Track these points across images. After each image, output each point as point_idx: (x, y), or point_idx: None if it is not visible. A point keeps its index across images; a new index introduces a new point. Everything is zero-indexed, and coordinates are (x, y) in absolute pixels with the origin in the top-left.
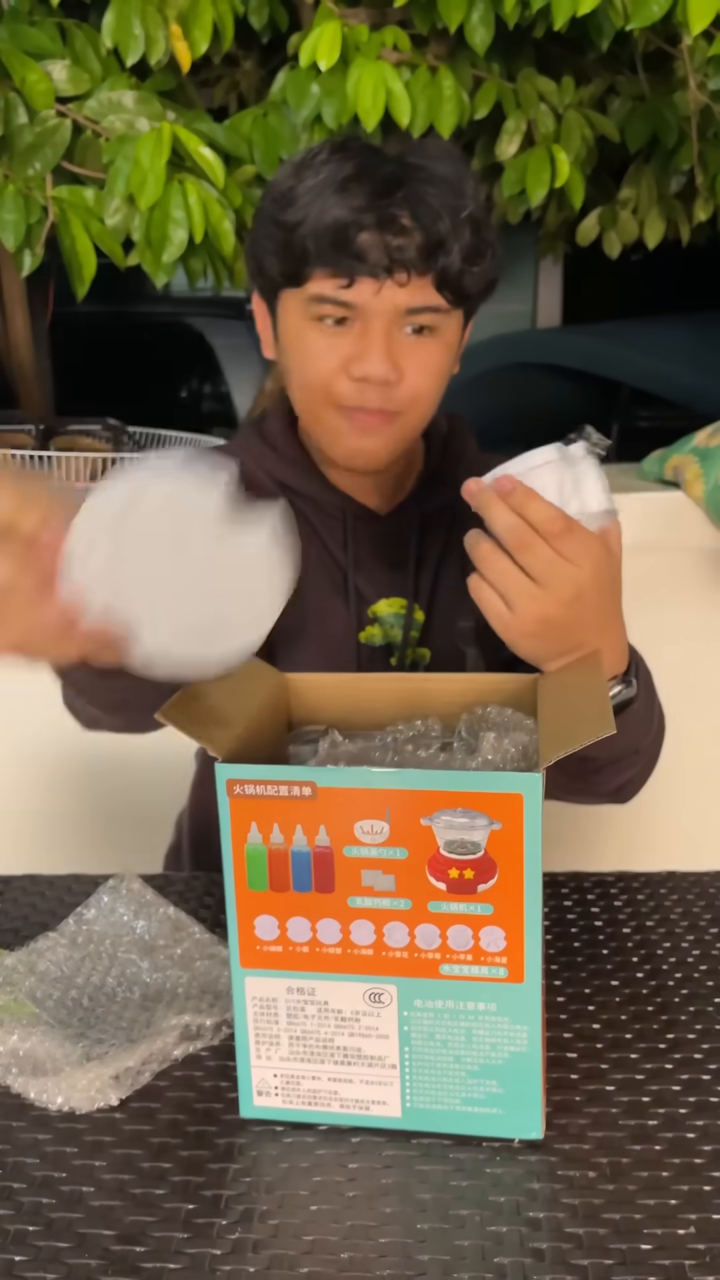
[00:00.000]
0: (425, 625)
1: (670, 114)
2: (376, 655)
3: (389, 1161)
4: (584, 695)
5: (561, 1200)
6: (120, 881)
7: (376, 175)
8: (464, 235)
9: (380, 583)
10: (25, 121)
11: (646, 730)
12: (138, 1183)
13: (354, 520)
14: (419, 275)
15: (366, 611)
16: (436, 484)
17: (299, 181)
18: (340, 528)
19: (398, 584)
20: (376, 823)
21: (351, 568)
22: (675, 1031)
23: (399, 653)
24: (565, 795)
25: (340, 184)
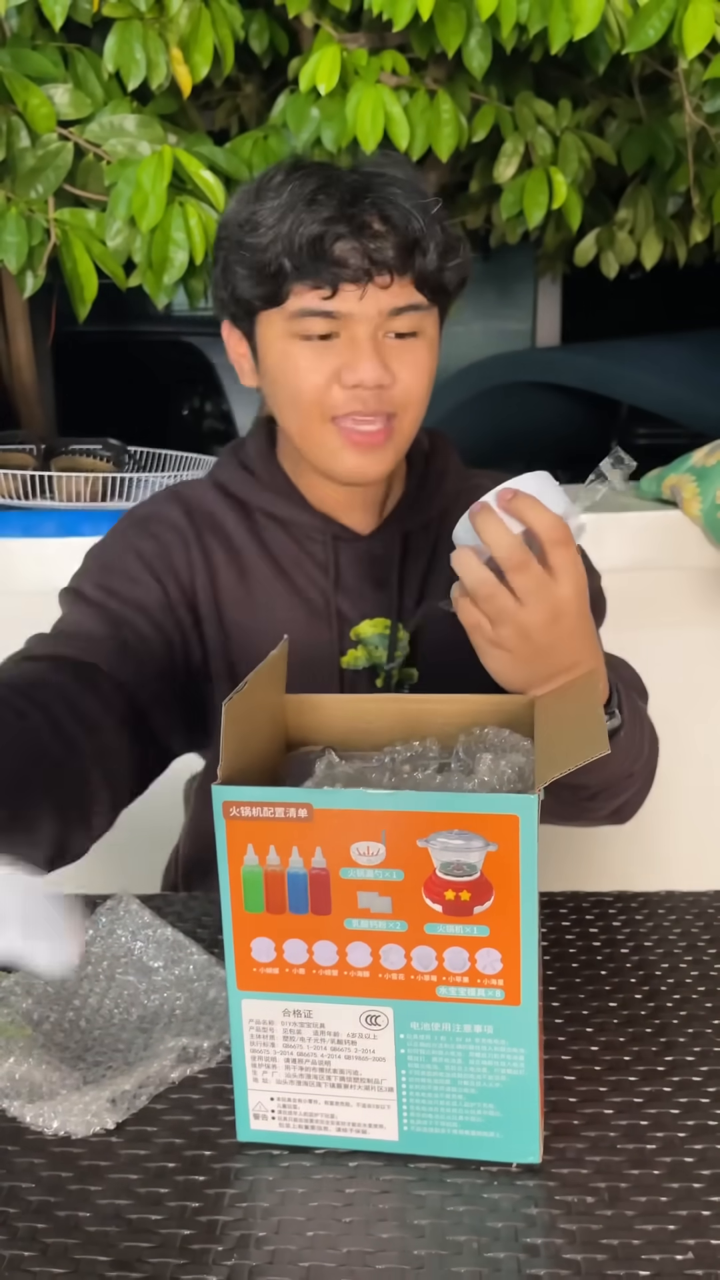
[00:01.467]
0: (412, 643)
1: (667, 136)
2: (360, 679)
3: (386, 1186)
4: (579, 717)
5: (559, 1226)
6: (118, 903)
7: (341, 185)
8: (436, 232)
9: (364, 603)
10: (28, 145)
11: (637, 756)
12: (133, 1208)
13: (336, 541)
14: (399, 275)
15: (349, 634)
16: (420, 500)
17: (260, 205)
18: (322, 550)
19: (381, 604)
20: (373, 844)
21: (334, 590)
22: (674, 1054)
23: (384, 674)
24: (564, 821)
25: (308, 198)
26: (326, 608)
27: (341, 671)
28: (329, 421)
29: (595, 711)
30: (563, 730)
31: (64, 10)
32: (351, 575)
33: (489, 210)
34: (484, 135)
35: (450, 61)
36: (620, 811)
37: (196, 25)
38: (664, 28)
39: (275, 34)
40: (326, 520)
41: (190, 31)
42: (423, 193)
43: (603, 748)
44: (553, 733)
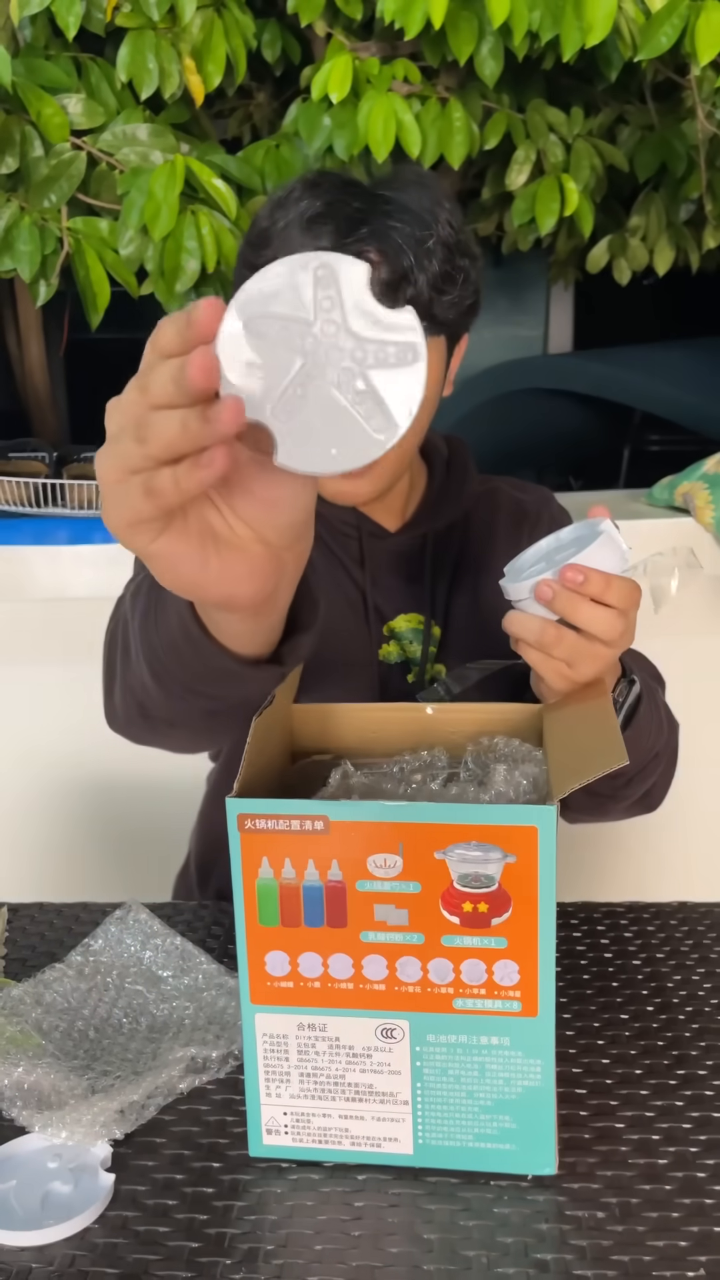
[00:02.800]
0: (441, 640)
1: (679, 143)
2: (394, 672)
3: (395, 1200)
4: (592, 727)
5: (570, 1241)
6: (127, 912)
7: (342, 213)
8: (431, 264)
9: (397, 599)
10: (41, 154)
11: (660, 732)
12: (141, 1220)
13: (369, 537)
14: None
15: (383, 629)
16: (443, 504)
17: (273, 222)
18: (356, 545)
19: (413, 599)
20: (390, 856)
21: (369, 585)
22: (686, 1067)
23: (417, 668)
24: (592, 817)
25: (307, 223)
26: (364, 601)
27: (378, 665)
28: None
29: (610, 721)
30: (577, 740)
31: (77, 20)
32: (384, 571)
33: (501, 217)
34: (496, 143)
35: (462, 69)
36: (650, 796)
37: (209, 35)
38: (676, 35)
39: (288, 43)
40: (360, 515)
41: (203, 41)
42: (428, 222)
43: (621, 758)
44: (566, 742)
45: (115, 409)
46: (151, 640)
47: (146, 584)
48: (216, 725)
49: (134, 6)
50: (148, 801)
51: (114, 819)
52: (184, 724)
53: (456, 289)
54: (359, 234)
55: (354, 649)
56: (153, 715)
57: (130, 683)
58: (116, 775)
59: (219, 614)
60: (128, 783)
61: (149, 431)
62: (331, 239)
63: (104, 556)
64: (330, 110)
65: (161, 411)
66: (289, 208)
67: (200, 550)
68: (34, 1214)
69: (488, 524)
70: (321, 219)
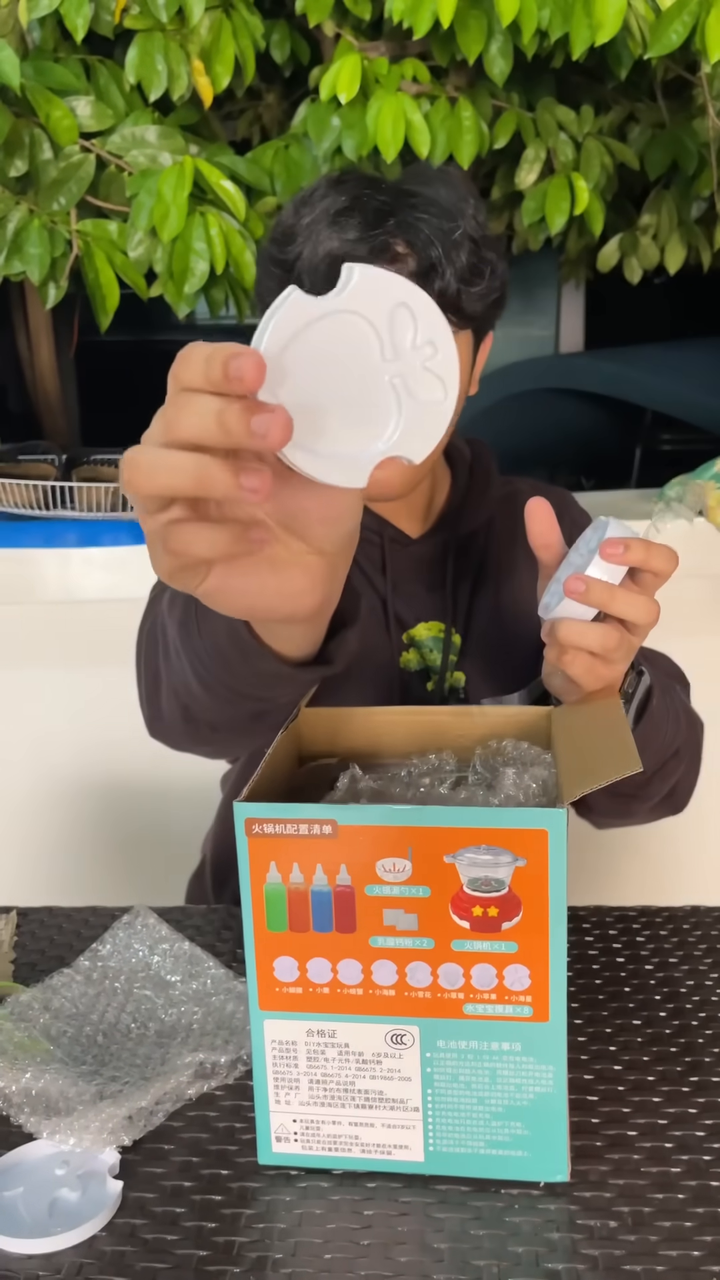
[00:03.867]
0: (461, 648)
1: (690, 141)
2: (414, 680)
3: (405, 1208)
4: (604, 731)
5: (581, 1251)
6: (135, 917)
7: (368, 206)
8: (459, 257)
9: (418, 606)
10: (50, 157)
11: (677, 726)
12: (149, 1228)
13: (390, 544)
14: None
15: (403, 636)
16: (466, 509)
17: (298, 219)
18: (378, 552)
19: (434, 607)
20: (399, 861)
21: (390, 592)
22: (699, 1074)
23: (437, 676)
24: (619, 820)
25: (333, 217)
26: (384, 609)
27: (399, 672)
28: None
29: (621, 727)
30: (588, 744)
31: (85, 22)
32: (405, 578)
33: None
34: (505, 142)
35: (471, 68)
36: (674, 795)
37: (218, 36)
38: (686, 32)
39: (296, 43)
40: (382, 521)
41: (211, 42)
42: (454, 215)
43: (634, 764)
44: (576, 746)
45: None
46: (195, 647)
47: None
48: (260, 727)
49: (142, 8)
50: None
51: (123, 822)
52: (229, 727)
53: (484, 282)
54: (386, 226)
55: (374, 656)
56: (197, 719)
57: (175, 687)
58: (126, 778)
59: (274, 625)
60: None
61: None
62: (358, 231)
63: (113, 559)
64: (339, 110)
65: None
66: (314, 204)
67: (255, 578)
68: (41, 1221)
69: (510, 530)
70: (347, 212)
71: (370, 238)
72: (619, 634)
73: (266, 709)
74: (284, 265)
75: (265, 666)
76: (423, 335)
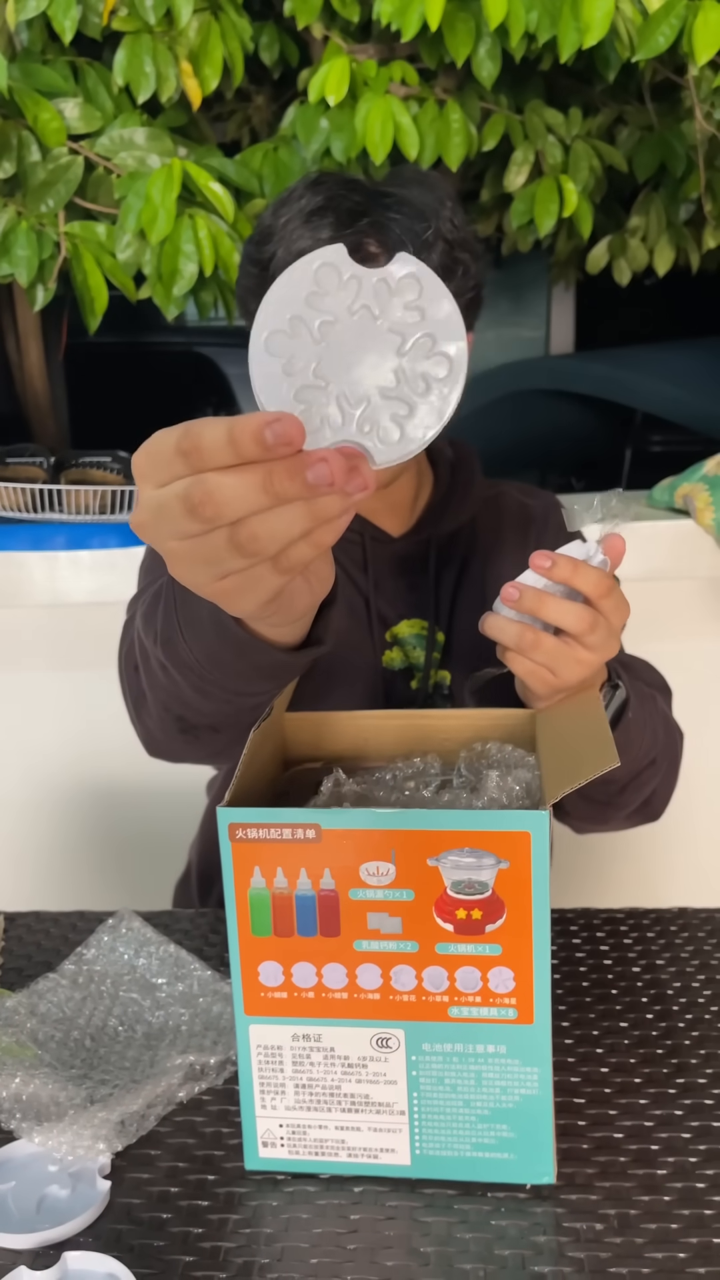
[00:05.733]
0: (445, 646)
1: (678, 143)
2: (397, 679)
3: (391, 1212)
4: (584, 731)
5: (568, 1254)
6: (120, 920)
7: (342, 206)
8: (430, 257)
9: (400, 604)
10: (38, 159)
11: (654, 738)
12: (136, 1234)
13: (371, 542)
14: None
15: (386, 635)
16: (448, 509)
17: (276, 219)
18: (359, 550)
19: (417, 605)
20: (383, 864)
21: (372, 591)
22: (685, 1075)
23: (420, 675)
24: (596, 825)
25: (307, 217)
26: (367, 607)
27: (382, 671)
28: None
29: (601, 725)
30: (568, 745)
31: (73, 24)
32: (387, 576)
33: (500, 219)
34: (494, 144)
35: (460, 71)
36: (650, 804)
37: (206, 38)
38: (674, 35)
39: (285, 45)
40: (363, 521)
41: (200, 44)
42: (427, 215)
43: (612, 760)
44: (558, 747)
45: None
46: (184, 658)
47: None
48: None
49: (130, 10)
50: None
51: (112, 826)
52: (229, 725)
53: (455, 282)
54: (358, 225)
55: (357, 655)
56: (195, 724)
57: (164, 700)
58: (113, 782)
59: None
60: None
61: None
62: (331, 231)
63: (102, 562)
64: (328, 113)
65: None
66: (291, 204)
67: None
68: (29, 1217)
69: (494, 529)
70: (321, 212)
71: (342, 237)
72: (534, 635)
73: (263, 701)
74: (260, 264)
75: (261, 658)
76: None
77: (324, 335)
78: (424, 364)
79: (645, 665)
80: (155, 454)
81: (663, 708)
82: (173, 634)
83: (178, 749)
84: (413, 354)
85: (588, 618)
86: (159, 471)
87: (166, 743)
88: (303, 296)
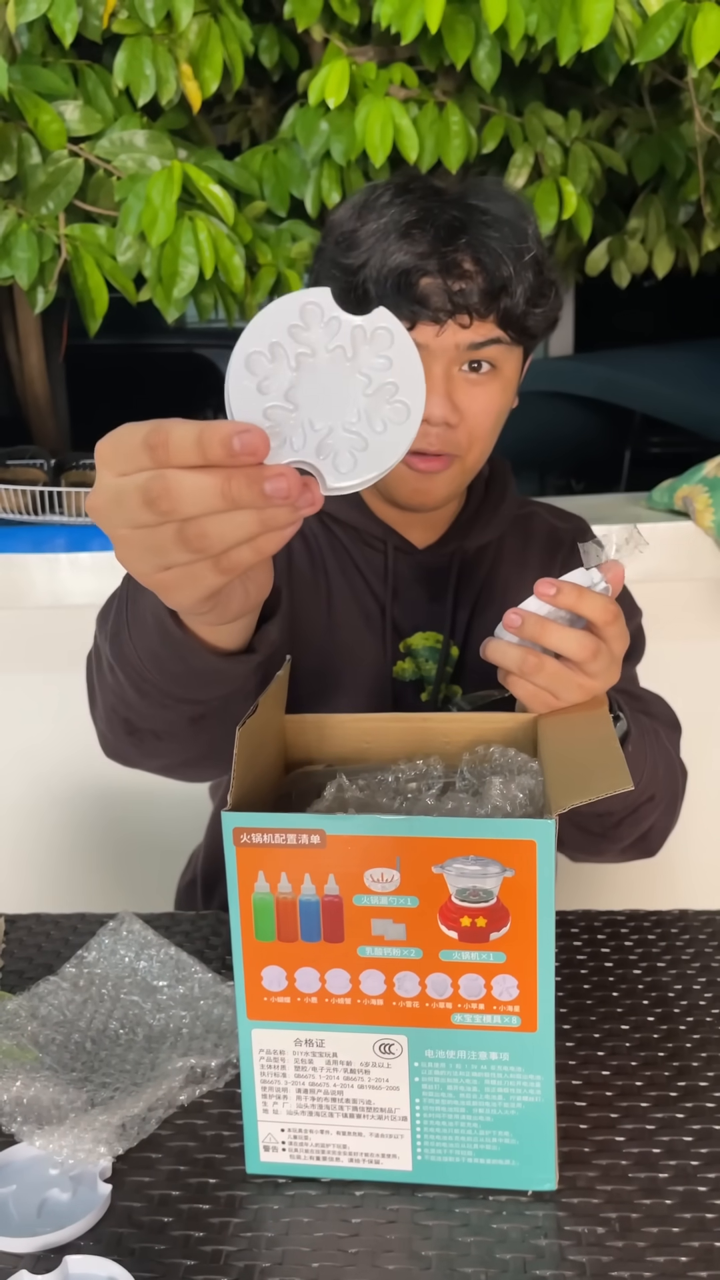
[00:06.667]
0: (459, 661)
1: (677, 145)
2: (407, 690)
3: (393, 1216)
4: (595, 747)
5: (569, 1258)
6: (120, 923)
7: (440, 220)
8: (527, 276)
9: (417, 616)
10: (38, 161)
11: (655, 774)
12: (136, 1237)
13: (395, 552)
14: (480, 318)
15: (399, 645)
16: (477, 524)
17: (361, 224)
18: (381, 559)
19: (434, 618)
20: (387, 871)
21: (390, 600)
22: (687, 1079)
23: (431, 688)
24: (589, 856)
25: (404, 229)
26: (382, 615)
27: (392, 681)
28: None
29: (612, 744)
30: (577, 758)
31: (74, 27)
32: (407, 587)
33: None
34: (494, 146)
35: (459, 73)
36: (647, 840)
37: (206, 41)
38: (673, 37)
39: (285, 48)
40: (388, 529)
41: (199, 47)
42: (523, 234)
43: (625, 783)
44: (566, 758)
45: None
46: (128, 654)
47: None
48: (202, 735)
49: (130, 13)
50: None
51: (113, 828)
52: (170, 735)
53: (548, 302)
54: (457, 243)
55: (368, 663)
56: (139, 729)
57: (111, 702)
58: (116, 784)
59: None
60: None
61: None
62: (429, 245)
63: (102, 564)
64: (327, 115)
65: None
66: (380, 211)
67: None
68: (30, 1220)
69: (520, 549)
70: (418, 225)
71: (440, 253)
72: (537, 659)
73: (203, 712)
74: (348, 270)
75: (196, 661)
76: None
77: (299, 364)
78: (385, 408)
79: (657, 699)
80: (121, 444)
81: (666, 745)
82: (120, 630)
83: (126, 751)
84: (376, 397)
85: (590, 645)
86: (122, 461)
87: (116, 743)
88: (286, 326)
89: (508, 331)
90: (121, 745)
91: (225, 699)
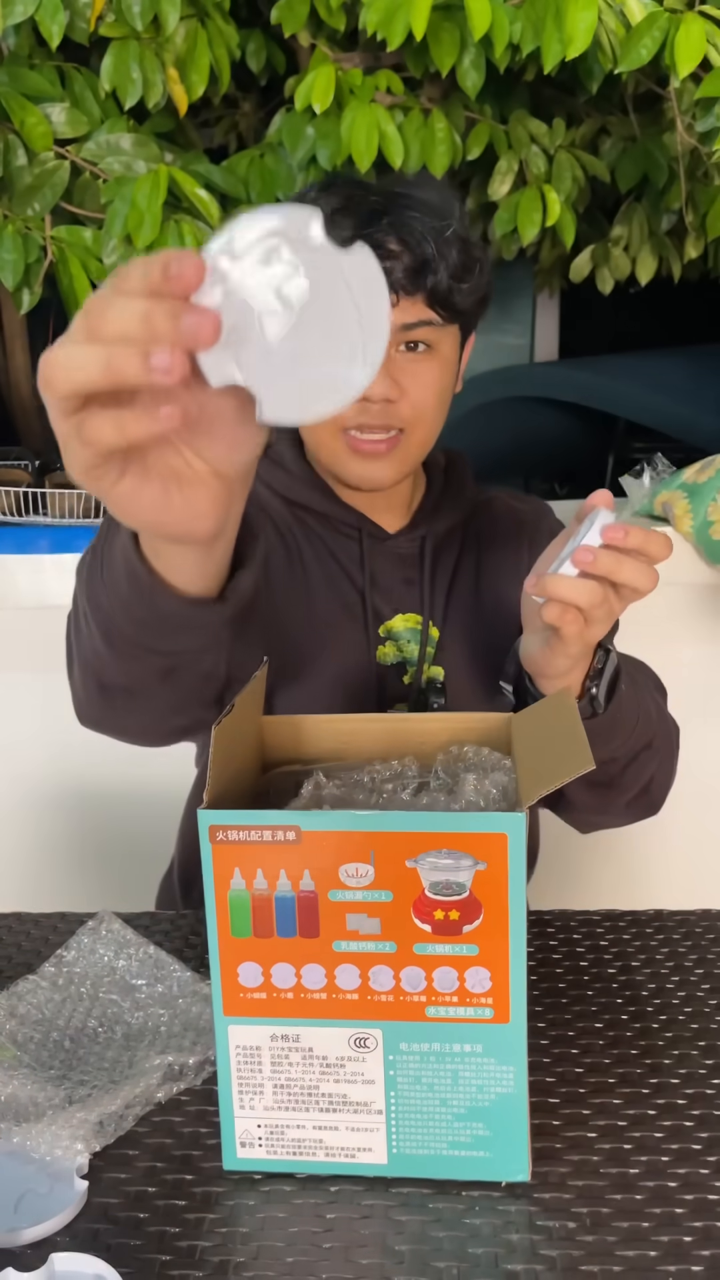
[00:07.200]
0: (439, 643)
1: (660, 154)
2: (390, 673)
3: (367, 1211)
4: (559, 734)
5: (540, 1252)
6: (100, 922)
7: (362, 207)
8: (450, 254)
9: (395, 599)
10: (25, 163)
11: (649, 719)
12: (112, 1233)
13: (368, 538)
14: (408, 295)
15: (380, 630)
16: (443, 508)
17: None
18: (356, 545)
19: (412, 600)
20: (361, 866)
21: (368, 586)
22: (659, 1076)
23: (414, 670)
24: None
25: (329, 216)
26: (362, 602)
27: (375, 665)
28: (339, 431)
29: (576, 728)
30: (545, 747)
31: (61, 30)
32: (383, 571)
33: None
34: (478, 153)
35: (444, 81)
36: (649, 792)
37: (193, 45)
38: (656, 47)
39: (272, 53)
40: (360, 516)
41: (186, 51)
42: (445, 214)
43: (587, 763)
44: (534, 750)
45: None
46: (99, 600)
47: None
48: (173, 693)
49: (118, 16)
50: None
51: (94, 829)
52: (141, 690)
53: (474, 277)
54: (379, 225)
55: (351, 649)
56: (110, 685)
57: (85, 656)
58: (96, 784)
59: (171, 549)
60: (108, 792)
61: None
62: (352, 229)
63: None
64: (314, 121)
65: (126, 296)
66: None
67: (163, 491)
68: (7, 1215)
69: (487, 531)
70: (342, 213)
71: (364, 236)
72: (604, 591)
73: (173, 665)
74: None
75: (162, 604)
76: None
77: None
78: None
79: (641, 664)
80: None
81: (655, 697)
82: (94, 575)
83: (98, 712)
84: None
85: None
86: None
87: (89, 705)
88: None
89: (437, 310)
90: (94, 707)
91: (196, 653)
